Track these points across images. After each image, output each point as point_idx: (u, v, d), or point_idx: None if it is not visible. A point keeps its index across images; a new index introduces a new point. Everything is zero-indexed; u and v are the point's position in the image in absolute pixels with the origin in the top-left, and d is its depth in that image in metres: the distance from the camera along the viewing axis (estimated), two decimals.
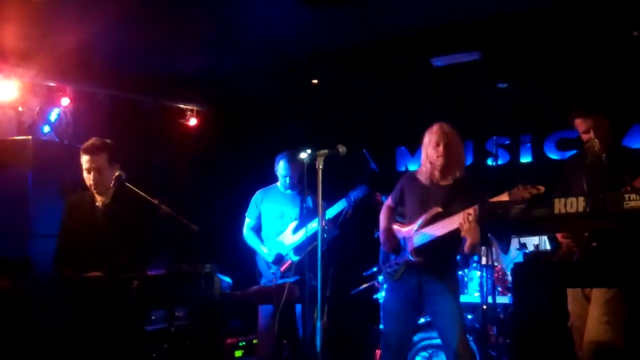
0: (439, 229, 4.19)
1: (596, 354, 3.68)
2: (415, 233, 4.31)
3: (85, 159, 4.36)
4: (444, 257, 4.34)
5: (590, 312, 3.80)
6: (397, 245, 4.43)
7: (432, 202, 4.31)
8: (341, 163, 4.29)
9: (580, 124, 4.03)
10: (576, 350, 3.97)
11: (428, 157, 4.35)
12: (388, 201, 4.64)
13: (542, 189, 3.89)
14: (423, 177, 4.41)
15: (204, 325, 4.17)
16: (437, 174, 4.34)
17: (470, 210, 3.99)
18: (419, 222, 4.31)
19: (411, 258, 4.33)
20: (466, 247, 4.18)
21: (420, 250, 4.29)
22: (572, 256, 3.75)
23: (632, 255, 3.30)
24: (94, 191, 4.41)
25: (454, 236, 4.16)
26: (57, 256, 4.41)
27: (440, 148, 4.27)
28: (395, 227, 4.52)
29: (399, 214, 4.61)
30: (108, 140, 4.46)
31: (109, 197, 4.42)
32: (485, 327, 5.34)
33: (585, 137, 4.03)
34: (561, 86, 6.68)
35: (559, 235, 3.89)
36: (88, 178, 4.39)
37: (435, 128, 4.35)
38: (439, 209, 4.25)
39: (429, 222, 4.26)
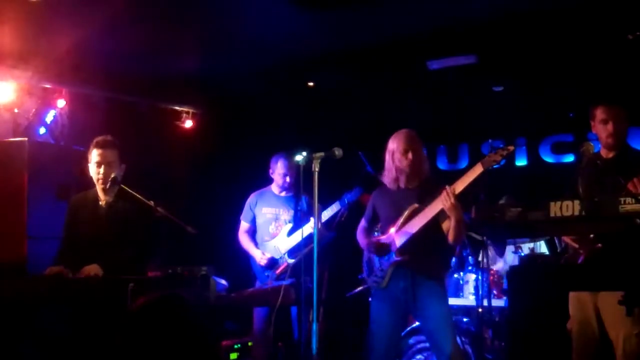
0: (421, 220, 4.26)
1: None
2: (397, 233, 4.36)
3: (97, 153, 4.44)
4: (428, 252, 4.36)
5: (616, 329, 3.75)
6: (383, 246, 4.44)
7: (405, 204, 4.39)
8: (337, 166, 4.30)
9: (601, 112, 4.02)
10: (574, 355, 3.95)
11: (395, 163, 4.45)
12: (362, 223, 4.74)
13: (511, 148, 4.01)
14: (391, 184, 4.51)
15: (199, 328, 4.15)
16: (404, 178, 4.44)
17: (448, 189, 4.09)
18: (399, 223, 4.37)
19: (396, 258, 4.35)
20: (452, 226, 4.18)
21: (404, 248, 4.34)
22: (578, 258, 3.75)
23: (631, 258, 3.30)
24: (102, 186, 4.45)
25: (435, 229, 4.25)
26: (59, 253, 4.46)
27: (410, 155, 4.38)
28: (374, 239, 4.58)
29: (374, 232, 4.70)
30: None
31: (112, 197, 4.50)
32: (481, 330, 5.34)
33: (599, 128, 4.03)
34: (556, 90, 6.69)
35: (564, 238, 3.89)
36: (97, 172, 4.44)
37: (402, 135, 4.46)
38: (416, 205, 4.34)
39: (409, 219, 4.33)
